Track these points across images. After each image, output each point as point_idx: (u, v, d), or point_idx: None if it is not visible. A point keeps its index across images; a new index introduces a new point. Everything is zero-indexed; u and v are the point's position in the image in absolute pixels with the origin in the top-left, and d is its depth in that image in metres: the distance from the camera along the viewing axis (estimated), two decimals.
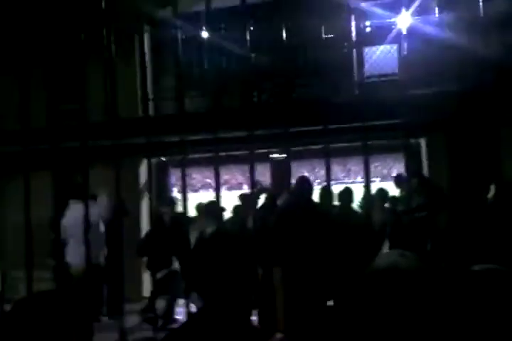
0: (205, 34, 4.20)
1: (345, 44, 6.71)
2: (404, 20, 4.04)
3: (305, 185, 4.13)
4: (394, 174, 8.70)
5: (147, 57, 7.75)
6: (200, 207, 5.72)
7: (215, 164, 2.39)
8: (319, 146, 6.71)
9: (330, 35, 6.44)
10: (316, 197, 4.43)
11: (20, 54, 2.55)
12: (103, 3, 2.26)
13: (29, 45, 2.66)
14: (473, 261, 1.30)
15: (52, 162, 2.68)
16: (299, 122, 2.33)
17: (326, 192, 4.28)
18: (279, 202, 5.15)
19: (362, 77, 6.92)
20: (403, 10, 3.28)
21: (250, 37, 2.89)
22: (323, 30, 5.95)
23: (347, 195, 4.97)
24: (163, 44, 7.49)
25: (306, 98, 7.13)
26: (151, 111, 7.69)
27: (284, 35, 2.75)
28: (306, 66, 7.16)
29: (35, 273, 2.86)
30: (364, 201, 5.28)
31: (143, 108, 7.55)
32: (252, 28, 7.46)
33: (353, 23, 2.73)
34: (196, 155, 6.83)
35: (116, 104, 2.84)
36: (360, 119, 2.50)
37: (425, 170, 6.90)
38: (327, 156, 2.46)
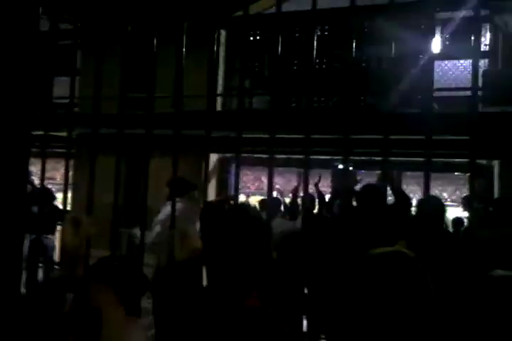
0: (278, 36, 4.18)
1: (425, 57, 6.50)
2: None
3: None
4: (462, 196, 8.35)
5: (222, 54, 7.86)
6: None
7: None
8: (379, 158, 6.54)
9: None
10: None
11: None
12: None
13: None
14: None
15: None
16: (363, 130, 2.21)
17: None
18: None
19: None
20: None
21: (322, 42, 2.83)
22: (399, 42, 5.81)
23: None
24: (239, 42, 7.58)
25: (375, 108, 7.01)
26: (218, 107, 7.81)
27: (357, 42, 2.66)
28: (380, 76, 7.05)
29: None
30: None
31: (210, 103, 7.67)
32: (322, 33, 7.47)
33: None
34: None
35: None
36: (432, 133, 2.37)
37: (496, 194, 6.59)
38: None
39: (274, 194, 8.35)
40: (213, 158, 7.93)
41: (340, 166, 8.01)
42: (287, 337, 1.36)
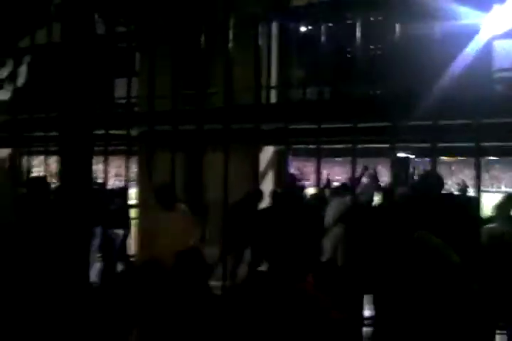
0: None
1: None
2: None
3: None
4: None
5: (274, 46, 7.85)
6: None
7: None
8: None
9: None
10: None
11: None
12: None
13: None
14: None
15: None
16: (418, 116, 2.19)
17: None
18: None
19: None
20: None
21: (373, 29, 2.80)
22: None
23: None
24: (291, 33, 7.55)
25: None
26: (273, 100, 7.82)
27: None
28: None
29: None
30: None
31: (266, 95, 7.71)
32: (376, 19, 7.28)
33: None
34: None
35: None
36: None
37: None
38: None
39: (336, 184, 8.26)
40: (270, 150, 7.97)
41: (400, 155, 7.85)
42: (337, 323, 1.40)
